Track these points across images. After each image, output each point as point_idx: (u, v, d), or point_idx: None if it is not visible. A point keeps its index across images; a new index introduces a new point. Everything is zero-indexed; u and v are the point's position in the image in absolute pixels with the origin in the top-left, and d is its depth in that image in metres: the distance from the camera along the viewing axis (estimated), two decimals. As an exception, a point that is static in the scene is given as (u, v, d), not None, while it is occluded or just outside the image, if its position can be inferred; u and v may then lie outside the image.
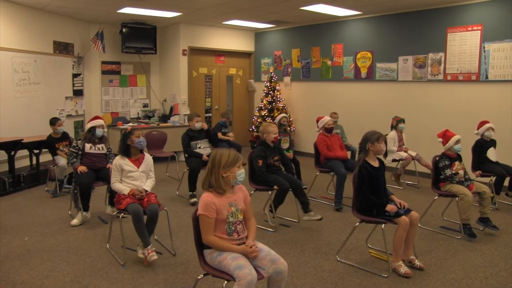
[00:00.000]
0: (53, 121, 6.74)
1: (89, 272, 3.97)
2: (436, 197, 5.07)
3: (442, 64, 7.54)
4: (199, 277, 3.06)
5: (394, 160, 7.14)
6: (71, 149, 5.51)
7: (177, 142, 7.73)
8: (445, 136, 5.05)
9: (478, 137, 6.02)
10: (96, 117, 5.79)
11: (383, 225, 3.94)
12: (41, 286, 3.70)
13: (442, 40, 7.52)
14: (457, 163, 4.98)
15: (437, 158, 5.05)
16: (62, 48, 8.96)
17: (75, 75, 9.36)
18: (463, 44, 7.25)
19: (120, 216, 4.23)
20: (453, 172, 4.89)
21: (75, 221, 5.26)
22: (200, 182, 3.15)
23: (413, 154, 7.17)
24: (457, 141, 4.97)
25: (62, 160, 6.50)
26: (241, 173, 2.99)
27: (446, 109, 7.59)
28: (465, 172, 5.01)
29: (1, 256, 4.27)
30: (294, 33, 10.31)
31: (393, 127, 7.27)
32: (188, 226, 5.12)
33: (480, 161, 5.91)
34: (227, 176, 2.95)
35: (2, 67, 7.49)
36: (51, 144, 6.69)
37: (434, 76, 7.69)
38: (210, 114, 11.00)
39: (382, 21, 8.49)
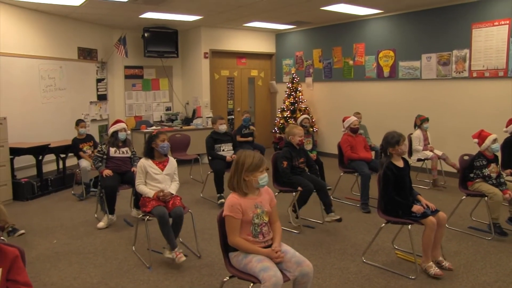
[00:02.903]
0: (77, 123, 6.99)
1: (116, 274, 4.01)
2: (464, 196, 4.97)
3: (467, 61, 7.40)
4: (224, 279, 3.06)
5: (419, 160, 7.03)
6: (96, 153, 5.58)
7: (200, 144, 7.78)
8: (481, 136, 4.93)
9: (507, 135, 5.87)
10: (117, 121, 5.84)
11: (409, 226, 3.88)
12: (69, 287, 3.76)
13: (467, 36, 7.38)
14: (493, 165, 4.85)
15: (472, 157, 4.95)
16: (86, 54, 9.10)
17: (99, 80, 9.50)
18: (489, 39, 7.09)
19: (146, 219, 4.26)
20: (489, 173, 4.79)
21: (101, 224, 5.33)
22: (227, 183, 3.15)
23: (439, 153, 7.04)
24: (494, 140, 4.85)
25: (84, 162, 6.62)
26: (263, 177, 2.95)
27: (472, 107, 7.45)
28: (499, 175, 4.88)
29: (32, 257, 4.34)
30: (315, 33, 10.26)
31: (417, 126, 7.16)
32: (212, 228, 5.13)
33: (510, 159, 5.77)
34: (249, 180, 2.93)
35: (30, 74, 7.67)
36: (75, 145, 6.82)
37: (459, 73, 7.55)
38: (233, 116, 11.03)
39: (404, 19, 8.38)
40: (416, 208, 3.85)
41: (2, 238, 4.02)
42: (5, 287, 2.36)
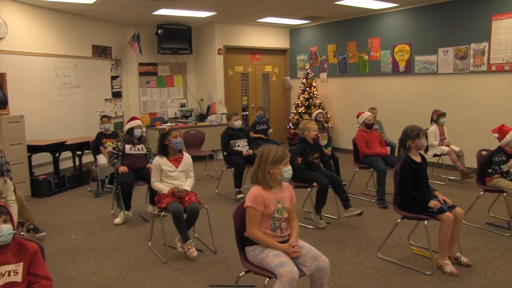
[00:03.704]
0: (101, 119, 7.13)
1: (133, 269, 4.05)
2: (482, 192, 4.89)
3: (486, 54, 7.28)
4: (240, 274, 3.07)
5: (435, 155, 6.96)
6: (111, 150, 5.62)
7: (215, 140, 7.80)
8: (502, 131, 4.86)
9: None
10: (133, 118, 5.88)
11: (425, 222, 3.85)
12: (88, 282, 3.80)
13: (486, 29, 7.24)
14: None
15: (491, 152, 4.88)
16: (101, 51, 9.16)
17: (113, 78, 9.56)
18: (511, 31, 6.96)
19: (162, 215, 4.29)
20: (508, 169, 4.72)
21: (117, 220, 5.37)
22: (245, 179, 3.15)
23: (456, 149, 6.95)
24: None
25: (102, 159, 6.66)
26: (287, 170, 2.97)
27: (490, 101, 7.33)
28: None
29: (50, 252, 4.39)
30: (330, 28, 10.20)
31: (433, 120, 7.08)
32: (228, 224, 5.14)
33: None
34: (274, 173, 2.94)
35: (45, 73, 7.75)
36: (98, 138, 6.90)
37: (477, 67, 7.44)
38: (247, 112, 11.03)
39: (420, 12, 8.27)
40: (432, 203, 3.81)
41: (22, 233, 4.07)
42: (27, 281, 2.41)
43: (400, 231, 4.65)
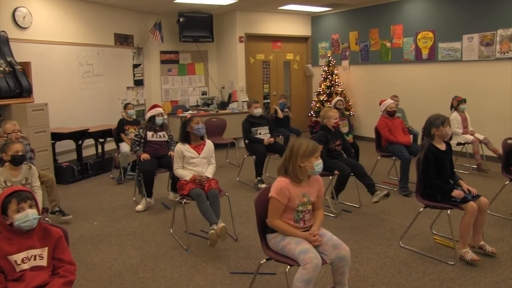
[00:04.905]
0: (125, 106, 7.20)
1: (154, 256, 4.09)
2: (507, 182, 4.78)
3: (513, 41, 7.09)
4: (261, 262, 3.06)
5: (459, 144, 6.81)
6: (133, 138, 5.66)
7: (236, 128, 7.79)
8: None
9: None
10: (154, 106, 5.91)
11: (449, 211, 3.78)
12: (110, 268, 3.85)
13: (513, 14, 7.05)
14: None
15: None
16: (123, 40, 9.21)
17: (135, 66, 9.61)
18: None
19: (183, 202, 4.31)
20: None
21: (139, 207, 5.42)
22: (266, 167, 3.13)
23: (481, 137, 6.79)
24: None
25: (125, 147, 6.73)
26: (319, 163, 2.92)
27: (517, 89, 7.15)
28: None
29: (74, 238, 4.47)
30: (351, 15, 10.05)
31: (453, 107, 6.93)
32: (249, 212, 5.15)
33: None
34: (304, 166, 2.90)
35: (68, 61, 7.84)
36: (121, 125, 6.97)
37: (504, 54, 7.24)
38: (268, 100, 10.99)
39: (444, -2, 8.09)
40: (456, 192, 3.74)
41: (46, 219, 4.15)
42: (52, 265, 2.45)
43: (423, 220, 4.59)
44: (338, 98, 7.27)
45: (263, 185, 6.15)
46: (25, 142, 4.88)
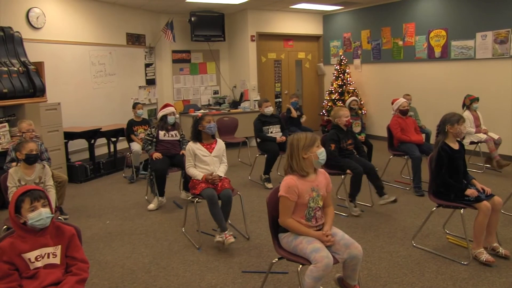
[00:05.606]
0: (134, 105, 7.16)
1: (167, 254, 4.10)
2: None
3: (528, 38, 7.00)
4: (273, 261, 3.05)
5: (472, 143, 6.73)
6: (145, 136, 5.68)
7: (248, 127, 7.78)
8: None
9: None
10: (166, 105, 5.93)
11: (462, 210, 3.74)
12: (123, 266, 3.87)
13: (528, 12, 6.95)
14: None
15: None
16: (135, 39, 9.25)
17: (147, 65, 9.65)
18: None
19: (195, 201, 4.32)
20: None
21: (151, 206, 5.44)
22: (278, 166, 3.12)
23: (495, 137, 6.70)
24: None
25: (136, 146, 6.75)
26: (322, 151, 2.93)
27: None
28: None
29: (87, 237, 4.49)
30: (363, 14, 9.99)
31: (465, 106, 6.84)
32: (261, 211, 5.15)
33: None
34: (308, 157, 2.90)
35: (81, 61, 7.91)
36: (130, 126, 6.98)
37: (518, 51, 7.15)
38: (280, 99, 10.97)
39: (457, -5, 8.01)
40: (469, 191, 3.70)
41: (59, 218, 4.18)
42: (65, 263, 2.47)
43: (435, 220, 4.55)
44: (352, 98, 7.22)
45: (270, 184, 6.18)
46: (39, 142, 4.92)
